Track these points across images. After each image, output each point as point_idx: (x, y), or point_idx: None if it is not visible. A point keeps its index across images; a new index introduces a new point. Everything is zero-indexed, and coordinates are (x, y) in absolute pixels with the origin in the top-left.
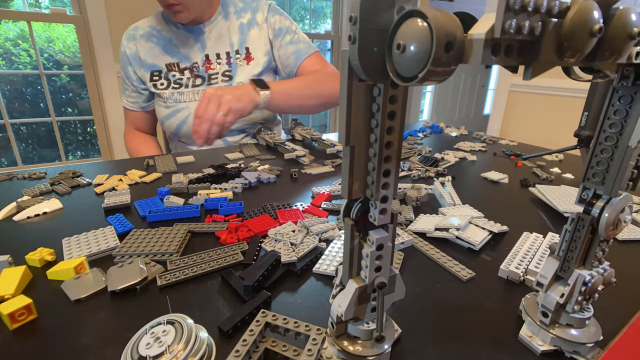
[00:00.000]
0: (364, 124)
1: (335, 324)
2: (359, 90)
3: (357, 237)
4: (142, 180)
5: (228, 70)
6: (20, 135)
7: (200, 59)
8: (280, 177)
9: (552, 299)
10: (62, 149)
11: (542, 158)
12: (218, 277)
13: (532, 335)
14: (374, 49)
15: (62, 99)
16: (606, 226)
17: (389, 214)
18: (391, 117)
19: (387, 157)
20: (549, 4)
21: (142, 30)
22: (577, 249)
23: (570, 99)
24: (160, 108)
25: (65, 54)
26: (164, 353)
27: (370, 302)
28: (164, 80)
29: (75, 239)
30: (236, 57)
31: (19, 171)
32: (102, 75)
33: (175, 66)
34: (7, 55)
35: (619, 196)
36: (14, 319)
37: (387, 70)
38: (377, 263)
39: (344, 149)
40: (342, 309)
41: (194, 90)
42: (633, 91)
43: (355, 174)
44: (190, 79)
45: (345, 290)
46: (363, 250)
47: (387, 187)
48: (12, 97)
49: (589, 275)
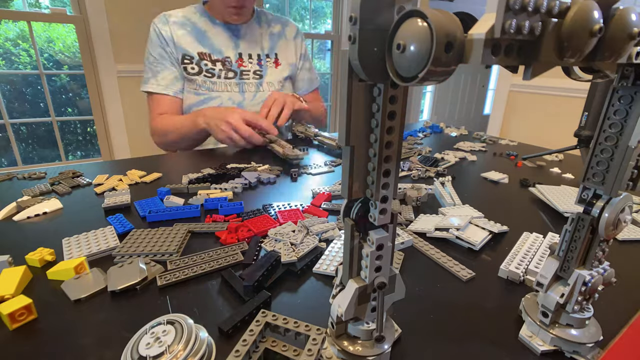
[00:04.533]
0: (364, 124)
1: (336, 324)
2: (359, 90)
3: (357, 237)
4: (142, 180)
5: (259, 70)
6: (20, 135)
7: (234, 55)
8: (280, 177)
9: (552, 299)
10: (62, 149)
11: (542, 158)
12: (218, 277)
13: (532, 335)
14: (374, 49)
15: (62, 99)
16: (606, 226)
17: (389, 214)
18: (391, 117)
19: (387, 157)
20: (549, 4)
21: (175, 17)
22: (577, 249)
23: (570, 99)
24: (189, 95)
25: (65, 54)
26: (164, 353)
27: (370, 302)
28: (195, 66)
29: (75, 239)
30: (266, 60)
31: (19, 171)
32: (102, 75)
33: (207, 56)
34: (7, 55)
35: (619, 196)
36: (13, 319)
37: (387, 70)
38: (377, 263)
39: (343, 149)
40: (342, 309)
41: (227, 82)
42: (633, 91)
43: (355, 174)
44: (222, 70)
45: (345, 290)
46: (363, 250)
47: (387, 187)
48: (12, 97)
49: (589, 276)
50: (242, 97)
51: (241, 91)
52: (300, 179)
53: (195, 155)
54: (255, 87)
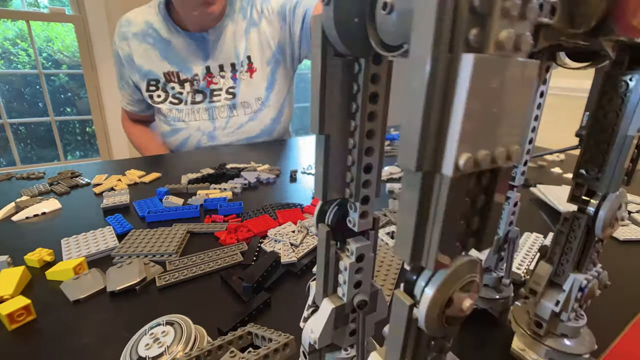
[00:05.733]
0: (342, 109)
1: (308, 354)
2: (336, 67)
3: (333, 246)
4: (141, 180)
5: (232, 87)
6: (19, 135)
7: (201, 70)
8: (280, 177)
9: (546, 307)
10: (61, 148)
11: (543, 158)
12: (217, 278)
13: (524, 349)
14: (354, 19)
15: (60, 98)
16: (604, 225)
17: (370, 217)
18: (373, 101)
19: (369, 148)
20: None
21: (136, 26)
22: (573, 251)
23: (570, 99)
24: (160, 123)
25: (64, 53)
26: (163, 354)
27: (349, 324)
28: (161, 92)
29: (74, 240)
30: (241, 69)
31: (18, 171)
32: (101, 75)
33: (174, 76)
34: (6, 55)
35: (616, 192)
36: (12, 319)
37: (370, 39)
38: (357, 277)
39: (317, 138)
40: (315, 334)
41: (193, 108)
42: (628, 77)
43: (331, 170)
44: (189, 93)
45: (319, 312)
46: (341, 263)
47: (369, 185)
48: (10, 96)
49: (586, 280)
50: (213, 125)
51: (211, 118)
52: (300, 179)
53: (194, 155)
54: (228, 110)
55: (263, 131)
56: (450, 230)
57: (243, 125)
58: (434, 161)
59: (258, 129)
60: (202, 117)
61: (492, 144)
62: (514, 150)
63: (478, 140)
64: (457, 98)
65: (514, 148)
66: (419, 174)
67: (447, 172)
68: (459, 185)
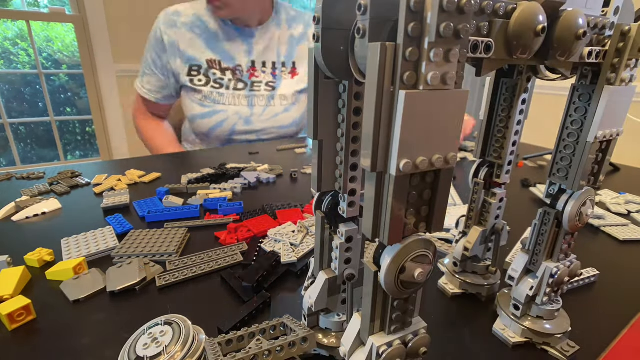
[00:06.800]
0: (332, 119)
1: (307, 316)
2: (327, 87)
3: (327, 229)
4: (141, 180)
5: (272, 82)
6: (19, 135)
7: (246, 63)
8: (280, 177)
9: (522, 291)
10: (61, 148)
11: (543, 158)
12: (217, 278)
13: (504, 328)
14: (340, 48)
15: (60, 98)
16: (569, 219)
17: (357, 206)
18: (357, 114)
19: (354, 151)
20: (495, 5)
21: (185, 17)
22: (544, 242)
23: None
24: (194, 105)
25: (64, 53)
26: (162, 354)
27: (340, 294)
28: (202, 77)
29: (74, 239)
30: (282, 69)
31: (18, 171)
32: (101, 75)
33: (216, 64)
34: (6, 55)
35: (581, 190)
36: (12, 319)
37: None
38: (347, 255)
39: (313, 143)
40: (312, 299)
41: (235, 94)
42: (591, 89)
43: (324, 168)
44: (232, 81)
45: (316, 282)
46: (333, 243)
47: (355, 180)
48: (10, 96)
49: (556, 268)
50: (251, 111)
51: (250, 105)
52: (300, 179)
53: (194, 155)
54: (266, 100)
55: (293, 122)
56: (398, 215)
57: (278, 114)
58: (384, 164)
59: (290, 120)
60: (241, 102)
61: (429, 152)
62: (451, 157)
63: (415, 149)
64: (396, 120)
65: (451, 155)
66: (374, 173)
67: (392, 172)
68: (403, 183)
